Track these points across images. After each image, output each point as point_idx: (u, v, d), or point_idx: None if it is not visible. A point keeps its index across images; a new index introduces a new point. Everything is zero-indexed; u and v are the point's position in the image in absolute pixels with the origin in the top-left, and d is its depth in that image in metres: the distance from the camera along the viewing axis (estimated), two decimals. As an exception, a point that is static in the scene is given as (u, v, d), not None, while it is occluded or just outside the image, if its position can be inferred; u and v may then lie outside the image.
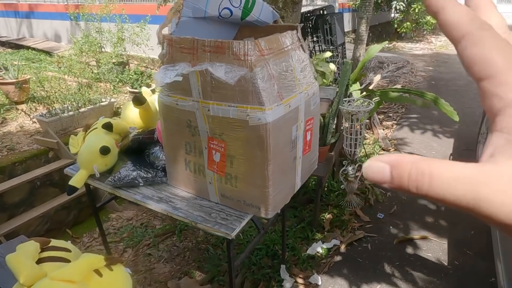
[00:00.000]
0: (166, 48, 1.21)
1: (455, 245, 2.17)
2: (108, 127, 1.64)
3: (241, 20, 1.37)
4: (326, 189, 2.74)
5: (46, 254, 1.33)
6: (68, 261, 1.36)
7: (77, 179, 1.54)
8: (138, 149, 1.63)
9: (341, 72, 2.27)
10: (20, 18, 7.51)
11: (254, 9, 1.36)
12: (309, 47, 3.12)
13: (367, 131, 3.98)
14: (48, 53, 6.45)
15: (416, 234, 2.27)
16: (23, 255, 1.23)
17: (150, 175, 1.50)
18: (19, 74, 3.93)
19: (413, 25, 9.94)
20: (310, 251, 2.14)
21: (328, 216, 2.46)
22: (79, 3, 6.13)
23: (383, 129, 4.02)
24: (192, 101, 1.22)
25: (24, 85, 3.73)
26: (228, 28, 1.50)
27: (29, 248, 1.27)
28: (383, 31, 11.06)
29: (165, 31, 1.28)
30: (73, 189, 1.52)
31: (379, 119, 4.27)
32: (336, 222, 2.40)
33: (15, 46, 7.27)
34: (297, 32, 1.31)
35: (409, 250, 2.14)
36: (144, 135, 1.63)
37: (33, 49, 6.81)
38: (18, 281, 1.15)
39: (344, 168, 2.48)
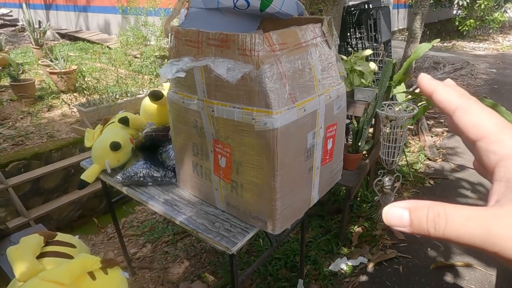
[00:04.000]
0: (173, 41, 1.11)
1: (505, 278, 1.86)
2: (124, 121, 1.60)
3: (260, 11, 1.23)
4: (358, 199, 2.52)
5: (49, 248, 1.31)
6: (71, 257, 1.32)
7: (89, 174, 1.51)
8: (152, 146, 1.57)
9: (382, 72, 2.04)
10: (78, 12, 7.98)
11: (275, 0, 1.21)
12: (350, 44, 2.89)
13: (413, 137, 3.65)
14: (100, 45, 6.77)
15: (459, 260, 1.99)
16: (24, 249, 1.21)
17: (159, 175, 1.43)
18: (68, 64, 4.13)
19: (477, 23, 9.07)
20: (332, 267, 1.96)
21: (357, 229, 2.25)
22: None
23: (432, 136, 3.66)
24: (198, 100, 1.11)
25: (70, 75, 3.91)
26: (250, 20, 1.37)
27: (31, 241, 1.26)
28: (442, 29, 10.24)
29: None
30: (84, 183, 1.50)
31: (428, 124, 3.90)
32: (365, 237, 2.19)
33: (73, 38, 7.74)
34: (321, 25, 1.15)
35: (448, 278, 1.88)
36: (157, 132, 1.57)
37: (88, 41, 7.20)
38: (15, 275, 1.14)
39: (379, 178, 2.25)
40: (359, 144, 2.07)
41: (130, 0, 5.36)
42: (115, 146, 1.44)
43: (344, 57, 2.35)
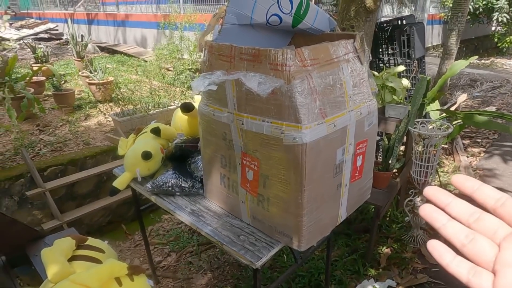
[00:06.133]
0: (206, 55, 1.14)
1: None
2: (156, 132, 1.65)
3: (292, 27, 1.25)
4: (387, 219, 2.43)
5: (80, 252, 1.36)
6: (99, 262, 1.36)
7: (120, 181, 1.56)
8: (181, 156, 1.61)
9: (415, 89, 1.99)
10: (117, 27, 8.41)
11: (307, 16, 1.23)
12: (382, 60, 2.85)
13: (447, 157, 3.51)
14: (136, 57, 7.08)
15: (497, 290, 1.86)
16: (57, 251, 1.26)
17: (187, 185, 1.45)
18: (106, 76, 4.34)
19: (518, 40, 8.68)
20: (359, 288, 1.89)
21: (386, 250, 2.16)
22: (167, 13, 6.63)
23: (467, 156, 3.49)
24: (228, 113, 1.13)
25: (107, 86, 4.10)
26: (280, 36, 1.39)
27: (64, 244, 1.31)
28: (480, 46, 9.89)
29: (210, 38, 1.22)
30: (116, 190, 1.55)
31: (463, 144, 3.73)
32: (394, 259, 2.10)
33: (112, 51, 8.15)
34: (354, 41, 1.14)
35: (485, 309, 1.75)
36: (187, 143, 1.60)
37: (125, 54, 7.55)
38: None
39: (410, 198, 2.17)
40: (390, 162, 2.02)
41: (167, 16, 5.60)
42: (146, 155, 1.48)
43: (376, 73, 2.32)
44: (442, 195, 0.35)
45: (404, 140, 2.30)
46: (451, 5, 6.12)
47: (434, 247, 0.34)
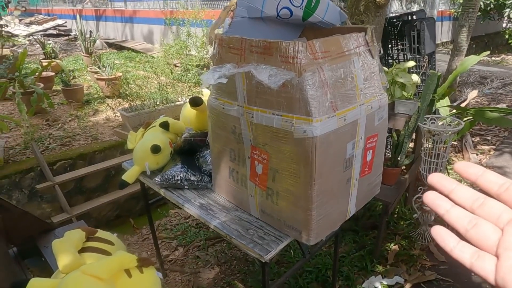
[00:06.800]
0: (216, 48, 1.14)
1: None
2: (164, 126, 1.66)
3: (303, 20, 1.24)
4: (396, 215, 2.42)
5: (90, 244, 1.37)
6: (109, 253, 1.37)
7: (129, 175, 1.57)
8: (190, 150, 1.61)
9: (425, 85, 1.97)
10: (124, 23, 8.44)
11: (318, 9, 1.21)
12: (391, 55, 2.82)
13: (456, 154, 3.47)
14: (143, 53, 7.10)
15: (506, 288, 1.84)
16: (68, 242, 1.27)
17: (195, 179, 1.46)
18: (114, 72, 4.36)
19: (530, 36, 8.53)
20: (366, 284, 1.88)
21: (393, 247, 2.15)
22: (174, 9, 6.63)
23: (477, 154, 3.45)
24: (237, 106, 1.13)
25: (115, 82, 4.12)
26: (290, 29, 1.38)
27: (74, 236, 1.32)
28: (490, 43, 9.74)
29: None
30: (125, 183, 1.56)
31: (473, 141, 3.69)
32: (402, 255, 2.08)
33: (119, 47, 8.19)
34: (365, 34, 1.13)
35: (494, 307, 1.74)
36: (196, 137, 1.61)
37: (133, 50, 7.58)
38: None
39: (419, 195, 2.15)
40: (399, 158, 2.00)
41: (174, 12, 5.60)
42: (156, 149, 1.49)
43: (385, 69, 2.30)
44: (446, 181, 0.35)
45: (414, 136, 2.28)
46: (461, 1, 6.04)
47: (438, 232, 0.34)
